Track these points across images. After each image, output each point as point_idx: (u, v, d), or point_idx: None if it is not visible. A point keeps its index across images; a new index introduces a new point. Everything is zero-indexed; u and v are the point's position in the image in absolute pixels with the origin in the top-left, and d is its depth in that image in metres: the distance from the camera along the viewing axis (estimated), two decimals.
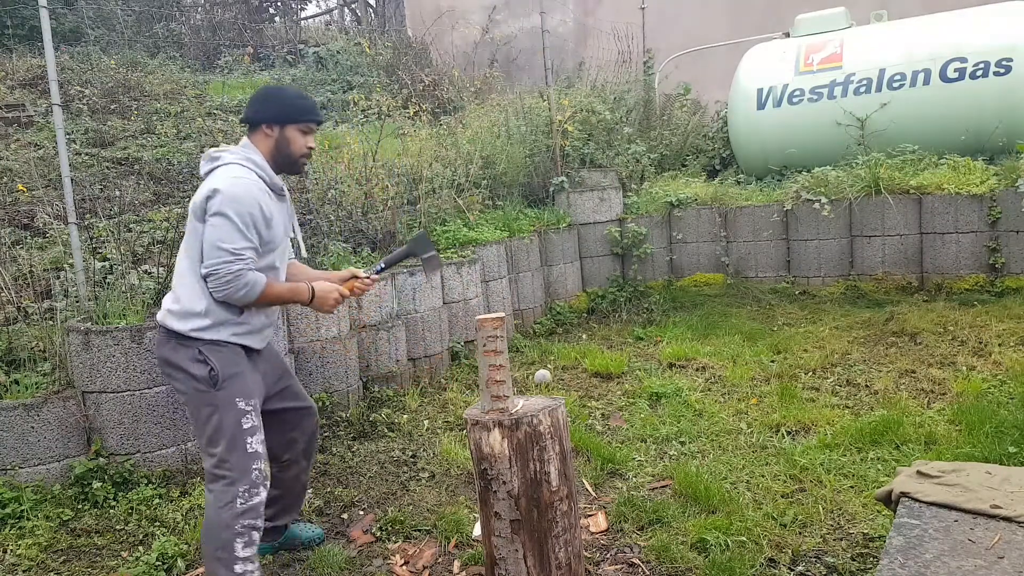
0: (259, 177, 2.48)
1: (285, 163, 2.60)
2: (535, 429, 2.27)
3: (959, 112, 6.19)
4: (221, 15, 12.02)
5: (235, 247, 2.35)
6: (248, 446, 2.41)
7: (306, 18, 15.35)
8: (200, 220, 2.40)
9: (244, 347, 2.51)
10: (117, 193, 5.13)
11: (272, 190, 2.54)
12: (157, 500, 3.28)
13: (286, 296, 2.58)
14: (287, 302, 2.64)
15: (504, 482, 2.27)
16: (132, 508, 3.23)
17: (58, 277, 4.19)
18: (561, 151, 6.76)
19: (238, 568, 2.36)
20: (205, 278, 2.38)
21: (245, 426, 2.42)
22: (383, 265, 2.79)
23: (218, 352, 2.43)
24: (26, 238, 4.73)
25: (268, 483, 2.48)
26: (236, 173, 2.42)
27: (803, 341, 5.10)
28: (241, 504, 2.37)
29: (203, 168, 2.52)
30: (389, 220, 5.30)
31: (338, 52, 9.88)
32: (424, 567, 2.77)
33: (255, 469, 2.41)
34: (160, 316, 2.51)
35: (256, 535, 2.42)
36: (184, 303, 2.43)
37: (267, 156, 2.55)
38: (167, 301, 2.50)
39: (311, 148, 2.64)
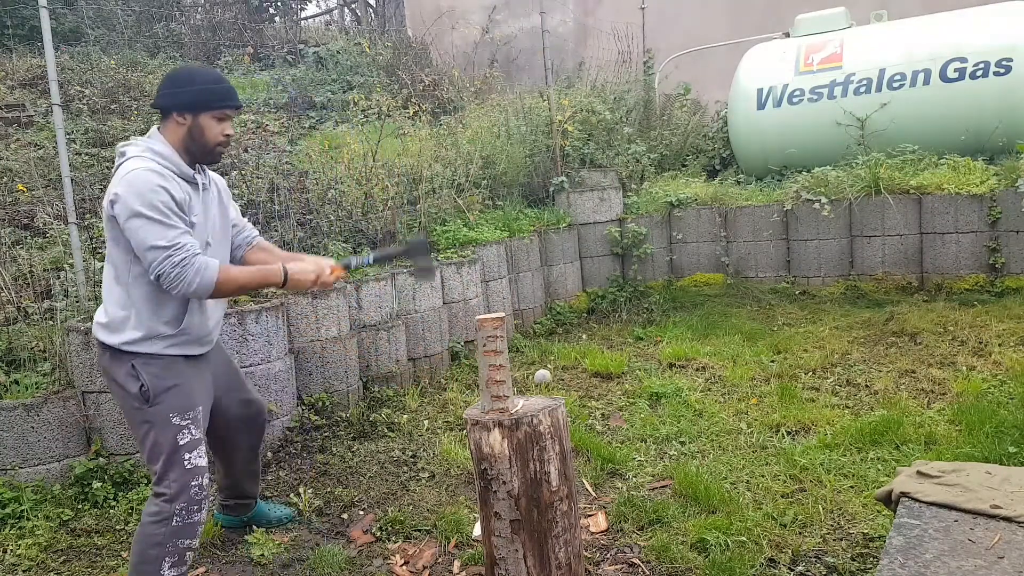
0: (163, 167, 2.30)
1: (199, 153, 2.42)
2: (535, 429, 2.27)
3: (959, 112, 6.19)
4: (221, 15, 12.02)
5: (167, 240, 2.21)
6: (186, 462, 2.33)
7: (306, 18, 15.35)
8: (114, 228, 2.28)
9: (184, 356, 2.42)
10: None
11: (183, 179, 2.37)
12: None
13: (253, 281, 2.42)
14: (257, 287, 2.47)
15: (504, 482, 2.27)
16: (132, 508, 3.23)
17: (58, 277, 4.19)
18: (561, 151, 6.76)
19: None
20: (156, 281, 2.25)
21: (182, 442, 2.34)
22: (372, 259, 2.65)
23: (150, 366, 2.33)
24: (26, 238, 4.73)
25: (209, 499, 2.43)
26: (131, 167, 2.26)
27: (803, 341, 5.10)
28: (177, 522, 2.30)
29: (116, 163, 2.38)
30: (389, 220, 5.30)
31: (338, 52, 9.88)
32: (424, 567, 2.77)
33: (194, 485, 2.33)
34: (93, 329, 2.42)
35: (189, 556, 2.36)
36: (111, 314, 2.34)
37: (178, 145, 2.38)
38: (98, 314, 2.41)
39: (228, 136, 2.45)
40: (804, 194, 6.19)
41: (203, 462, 2.39)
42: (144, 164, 2.28)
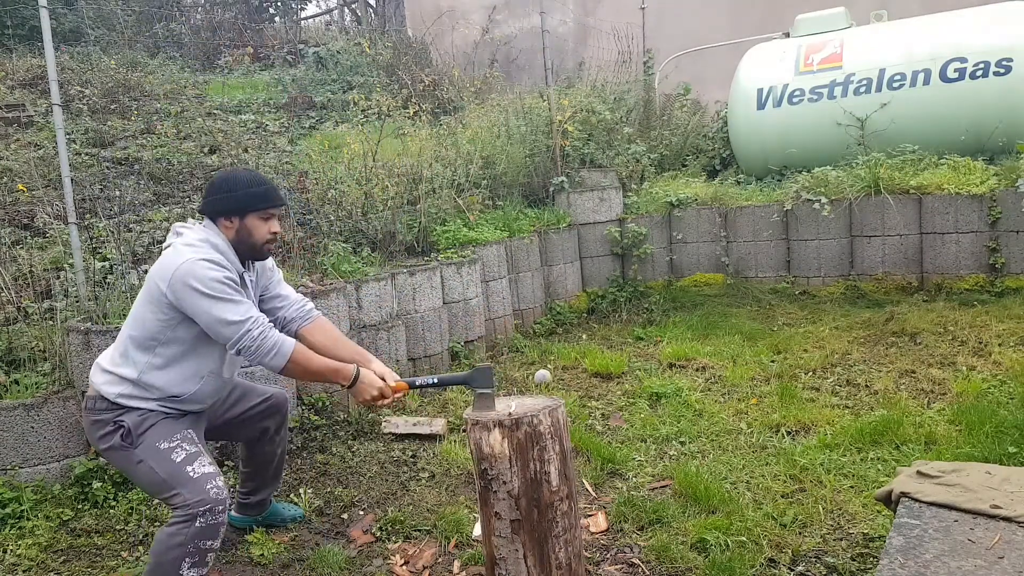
0: (220, 258, 2.43)
1: (249, 251, 2.55)
2: (535, 429, 2.27)
3: (959, 112, 6.19)
4: (221, 15, 12.04)
5: (240, 314, 2.33)
6: (191, 473, 2.35)
7: (306, 18, 15.35)
8: (161, 298, 2.36)
9: (168, 412, 2.49)
10: (117, 193, 5.13)
11: (236, 272, 2.48)
12: (157, 500, 3.28)
13: (325, 371, 2.49)
14: (324, 379, 2.55)
15: (504, 482, 2.27)
16: (132, 508, 3.23)
17: (58, 277, 4.19)
18: (561, 151, 6.75)
19: None
20: (237, 353, 2.38)
21: (178, 459, 2.37)
22: (436, 380, 2.66)
23: (131, 414, 2.41)
24: (26, 238, 4.73)
25: (229, 501, 2.44)
26: (189, 255, 2.36)
27: (803, 341, 5.09)
28: (201, 523, 2.30)
29: (168, 240, 2.49)
30: (389, 220, 5.30)
31: (338, 52, 9.88)
32: (424, 567, 2.77)
33: (212, 488, 2.34)
34: (92, 373, 2.50)
35: (210, 557, 2.36)
36: (120, 369, 2.43)
37: (231, 243, 2.51)
38: (103, 360, 2.50)
39: (275, 233, 2.57)
40: (804, 194, 6.19)
41: (211, 468, 2.40)
42: (204, 254, 2.39)
